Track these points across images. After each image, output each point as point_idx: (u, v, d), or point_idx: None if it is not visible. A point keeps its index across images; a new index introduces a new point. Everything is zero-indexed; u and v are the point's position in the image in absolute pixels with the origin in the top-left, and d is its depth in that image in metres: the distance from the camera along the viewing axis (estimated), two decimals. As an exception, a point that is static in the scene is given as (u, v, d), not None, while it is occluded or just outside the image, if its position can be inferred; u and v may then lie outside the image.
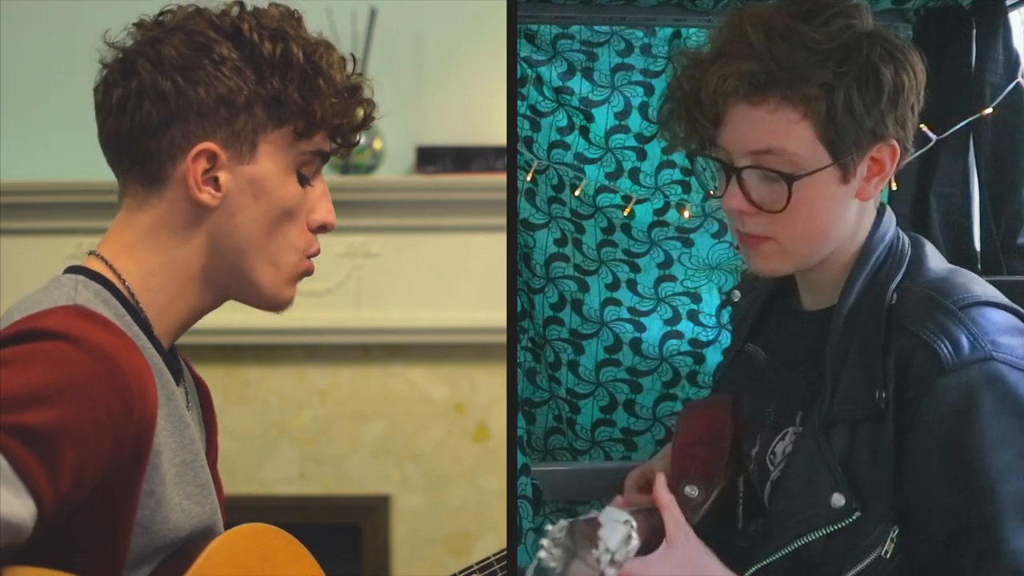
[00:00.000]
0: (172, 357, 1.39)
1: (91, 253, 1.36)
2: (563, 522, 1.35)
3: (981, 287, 1.44)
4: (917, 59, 1.46)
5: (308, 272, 1.41)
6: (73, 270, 1.35)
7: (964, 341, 1.35)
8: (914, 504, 1.38)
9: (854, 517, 1.40)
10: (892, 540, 1.38)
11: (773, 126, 1.41)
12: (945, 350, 1.35)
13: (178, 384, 1.37)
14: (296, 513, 3.42)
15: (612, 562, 1.32)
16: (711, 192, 1.54)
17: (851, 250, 1.49)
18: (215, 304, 1.40)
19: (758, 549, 1.50)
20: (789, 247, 1.47)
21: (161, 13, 1.36)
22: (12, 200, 3.35)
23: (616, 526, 1.34)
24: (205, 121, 1.32)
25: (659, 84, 2.19)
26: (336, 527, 3.43)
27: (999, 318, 1.39)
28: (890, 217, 1.53)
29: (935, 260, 1.50)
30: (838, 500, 1.40)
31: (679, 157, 2.13)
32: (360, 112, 1.39)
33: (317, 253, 1.41)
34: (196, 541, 1.33)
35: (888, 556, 1.38)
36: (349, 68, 1.39)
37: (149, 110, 1.32)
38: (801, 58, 1.39)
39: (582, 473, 2.22)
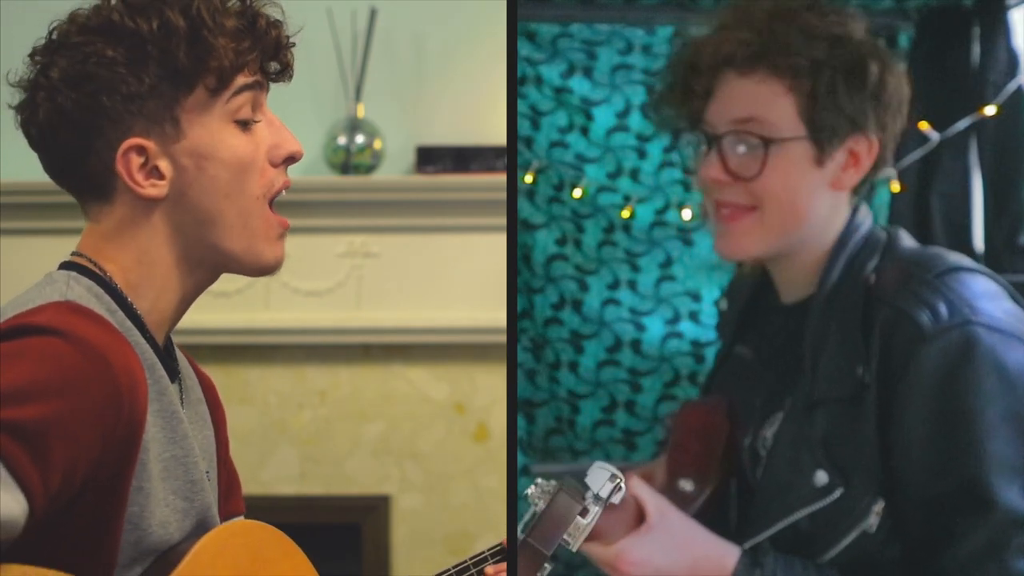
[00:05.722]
0: (167, 353, 1.39)
1: (74, 253, 1.37)
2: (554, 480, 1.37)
3: (955, 256, 1.48)
4: (904, 72, 1.52)
5: (284, 227, 1.37)
6: (66, 266, 1.35)
7: (942, 308, 1.38)
8: (901, 474, 1.40)
9: (837, 494, 1.42)
10: (877, 514, 1.41)
11: (759, 96, 1.48)
12: (925, 318, 1.38)
13: (173, 380, 1.36)
14: (296, 513, 3.42)
15: (596, 498, 1.34)
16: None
17: (826, 243, 1.52)
18: (207, 282, 1.39)
19: (746, 529, 1.52)
20: (767, 218, 1.49)
21: (50, 31, 1.35)
22: (12, 200, 3.34)
23: (602, 472, 1.36)
24: (120, 123, 1.31)
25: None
26: (336, 527, 3.43)
27: (975, 283, 1.43)
28: (867, 212, 1.57)
29: (909, 242, 1.55)
30: (821, 478, 1.43)
31: (680, 156, 2.14)
32: (273, 33, 1.34)
33: (286, 187, 1.38)
34: (188, 538, 1.32)
35: (873, 531, 1.41)
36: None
37: (66, 137, 1.32)
38: (795, 36, 1.47)
39: (582, 473, 2.21)
